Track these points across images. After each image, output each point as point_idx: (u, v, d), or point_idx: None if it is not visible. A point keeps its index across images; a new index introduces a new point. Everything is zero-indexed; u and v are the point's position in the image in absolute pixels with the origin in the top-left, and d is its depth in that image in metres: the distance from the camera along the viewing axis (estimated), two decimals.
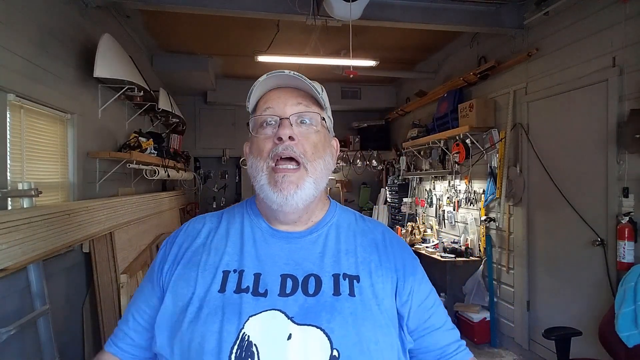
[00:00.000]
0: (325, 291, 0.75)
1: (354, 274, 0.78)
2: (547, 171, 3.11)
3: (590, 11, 2.71)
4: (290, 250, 0.81)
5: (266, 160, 0.78)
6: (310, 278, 0.76)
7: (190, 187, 6.04)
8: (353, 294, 0.75)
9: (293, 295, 0.74)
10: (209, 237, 0.84)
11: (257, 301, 0.73)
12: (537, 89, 3.21)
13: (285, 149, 0.76)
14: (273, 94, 0.81)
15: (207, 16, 3.41)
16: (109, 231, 2.61)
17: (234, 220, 0.87)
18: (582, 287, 2.83)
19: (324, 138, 0.83)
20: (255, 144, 0.81)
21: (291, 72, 0.79)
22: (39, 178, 2.23)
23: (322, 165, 0.80)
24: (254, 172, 0.80)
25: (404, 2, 3.21)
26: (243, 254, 0.80)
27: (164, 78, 5.03)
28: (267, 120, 0.80)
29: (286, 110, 0.79)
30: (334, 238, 0.84)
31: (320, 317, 0.71)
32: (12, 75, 1.94)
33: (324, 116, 0.84)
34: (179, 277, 0.79)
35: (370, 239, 0.86)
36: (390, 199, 5.79)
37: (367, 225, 0.89)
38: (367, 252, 0.83)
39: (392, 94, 6.24)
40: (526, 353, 3.38)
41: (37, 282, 1.91)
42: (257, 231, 0.84)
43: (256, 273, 0.77)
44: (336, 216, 0.88)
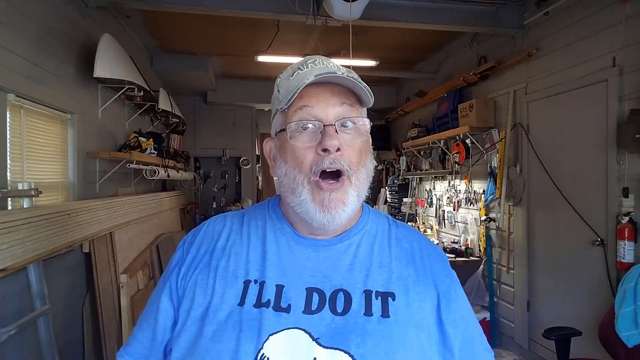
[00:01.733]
0: (355, 310, 0.66)
1: (389, 291, 0.69)
2: (547, 171, 3.11)
3: (590, 11, 2.71)
4: (318, 259, 0.71)
5: (307, 174, 0.67)
6: (339, 294, 0.68)
7: (190, 187, 6.05)
8: (387, 315, 0.66)
9: (319, 312, 0.66)
10: (229, 240, 0.76)
11: (279, 317, 0.65)
12: (537, 89, 3.21)
13: (333, 162, 0.66)
14: (310, 90, 0.69)
15: (207, 16, 3.41)
16: (109, 231, 2.61)
17: (255, 223, 0.78)
18: (582, 287, 2.83)
19: (367, 142, 0.73)
20: (291, 153, 0.69)
21: (344, 72, 0.68)
22: (39, 178, 2.23)
23: (365, 174, 0.71)
24: (291, 183, 0.69)
25: (404, 2, 3.21)
26: (265, 262, 0.71)
27: (164, 78, 5.03)
28: (304, 124, 0.68)
29: (328, 112, 0.68)
30: (367, 248, 0.74)
31: (349, 341, 0.63)
32: (12, 75, 1.94)
33: (367, 124, 0.73)
34: (195, 284, 0.71)
35: (405, 249, 0.76)
36: (390, 199, 5.79)
37: (402, 233, 0.80)
38: (402, 265, 0.74)
39: (392, 94, 6.24)
40: (526, 353, 3.38)
41: (37, 282, 1.91)
42: (280, 237, 0.74)
43: (278, 285, 0.68)
44: (369, 222, 0.78)
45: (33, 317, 1.84)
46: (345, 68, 0.73)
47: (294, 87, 0.67)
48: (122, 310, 2.56)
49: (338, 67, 0.73)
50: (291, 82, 0.70)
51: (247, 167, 6.46)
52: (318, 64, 0.72)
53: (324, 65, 0.72)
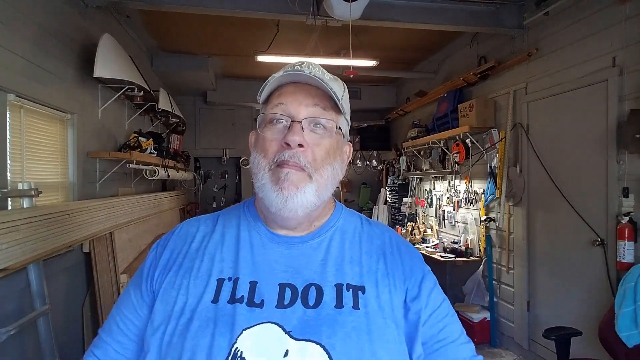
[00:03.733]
0: (327, 303, 0.69)
1: (359, 285, 0.72)
2: (547, 171, 3.11)
3: (590, 11, 2.71)
4: (290, 256, 0.75)
5: (270, 162, 0.72)
6: (311, 288, 0.71)
7: (190, 187, 6.05)
8: (357, 307, 0.69)
9: (291, 306, 0.68)
10: (203, 241, 0.78)
11: (253, 313, 0.67)
12: (537, 89, 3.21)
13: (292, 156, 0.70)
14: (288, 89, 0.75)
15: (207, 16, 3.41)
16: (109, 231, 2.61)
17: (230, 223, 0.81)
18: (582, 287, 2.83)
19: (337, 144, 0.77)
20: (260, 141, 0.75)
21: (312, 72, 0.72)
22: (39, 178, 2.23)
23: (329, 173, 0.74)
24: (255, 168, 0.74)
25: (404, 2, 3.21)
26: (239, 260, 0.74)
27: (164, 78, 5.03)
28: (277, 118, 0.73)
29: (300, 111, 0.72)
30: (338, 244, 0.78)
31: (321, 332, 0.66)
32: (12, 75, 1.94)
33: (340, 124, 0.77)
34: (170, 285, 0.72)
35: (376, 245, 0.80)
36: (390, 199, 5.79)
37: (373, 230, 0.83)
38: (373, 259, 0.77)
39: (392, 94, 6.24)
40: (526, 353, 3.38)
41: (37, 282, 1.91)
42: (254, 235, 0.77)
43: (252, 281, 0.71)
44: (341, 220, 0.82)
45: (33, 317, 1.84)
46: (333, 76, 0.77)
47: (269, 84, 0.74)
48: None
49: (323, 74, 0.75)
50: (267, 85, 0.76)
51: (247, 167, 6.45)
52: (304, 67, 0.75)
53: (309, 70, 0.75)
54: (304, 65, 0.75)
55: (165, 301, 0.71)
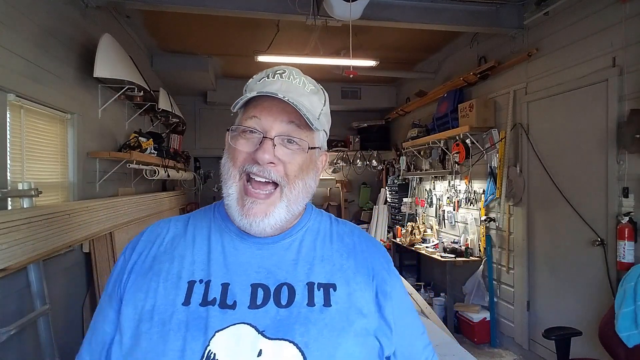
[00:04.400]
0: (299, 302, 0.70)
1: (330, 282, 0.73)
2: (547, 171, 3.11)
3: (590, 11, 2.71)
4: (262, 257, 0.75)
5: (240, 171, 0.72)
6: (283, 287, 0.71)
7: (190, 187, 6.04)
8: (329, 304, 0.70)
9: (264, 306, 0.68)
10: (173, 243, 0.77)
11: (225, 314, 0.67)
12: (537, 89, 3.21)
13: (261, 172, 0.70)
14: (265, 102, 0.73)
15: (207, 16, 3.41)
16: (109, 231, 2.61)
17: (201, 224, 0.80)
18: (582, 287, 2.83)
19: (310, 159, 0.76)
20: (231, 149, 0.74)
21: (289, 89, 0.72)
22: (39, 178, 2.23)
23: (301, 187, 0.74)
24: (224, 174, 0.74)
25: (404, 2, 3.21)
26: (210, 262, 0.73)
27: (164, 78, 5.03)
28: (249, 130, 0.72)
29: (274, 127, 0.71)
30: (309, 244, 0.78)
31: (294, 331, 0.66)
32: (12, 75, 1.94)
33: (316, 140, 0.77)
34: (137, 288, 0.71)
35: (347, 244, 0.81)
36: (390, 199, 5.79)
37: (342, 229, 0.84)
38: (343, 257, 0.78)
39: (392, 94, 6.24)
40: (526, 353, 3.38)
41: (37, 282, 1.91)
42: (225, 236, 0.77)
43: (224, 283, 0.70)
44: (312, 220, 0.83)
45: (33, 317, 1.84)
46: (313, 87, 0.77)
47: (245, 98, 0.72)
48: None
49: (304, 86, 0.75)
50: (254, 87, 0.75)
51: None
52: (284, 77, 0.74)
53: (289, 80, 0.74)
54: (284, 75, 0.75)
55: (133, 304, 0.70)
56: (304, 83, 0.76)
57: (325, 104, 0.79)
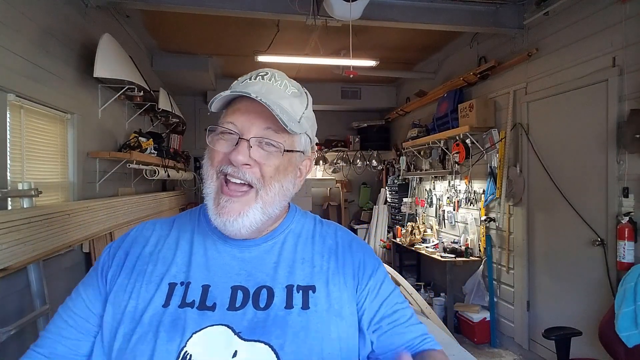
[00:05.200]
0: (277, 304, 0.70)
1: (309, 284, 0.74)
2: (547, 171, 3.11)
3: (590, 11, 2.71)
4: (244, 259, 0.75)
5: (216, 170, 0.72)
6: (262, 290, 0.72)
7: (190, 187, 6.04)
8: (307, 306, 0.71)
9: (242, 309, 0.69)
10: (157, 245, 0.78)
11: (203, 316, 0.68)
12: (537, 89, 3.21)
13: (236, 173, 0.70)
14: (242, 105, 0.72)
15: (207, 16, 3.41)
16: (109, 231, 2.61)
17: (185, 227, 0.81)
18: (582, 287, 2.83)
19: (289, 161, 0.75)
20: (209, 149, 0.75)
21: (265, 91, 0.72)
22: (39, 178, 2.23)
23: (277, 190, 0.73)
24: (204, 174, 0.75)
25: (404, 2, 3.21)
26: (191, 264, 0.74)
27: (164, 78, 5.03)
28: (228, 130, 0.72)
29: (251, 130, 0.71)
30: (291, 246, 0.79)
31: (270, 333, 0.67)
32: (12, 75, 1.94)
33: (296, 142, 0.76)
34: (121, 288, 0.72)
35: (328, 244, 0.81)
36: (390, 199, 5.79)
37: (325, 230, 0.84)
38: (324, 259, 0.78)
39: (392, 94, 6.24)
40: (526, 353, 3.38)
41: (37, 282, 1.91)
42: (208, 239, 0.78)
43: (204, 285, 0.72)
44: (294, 222, 0.83)
45: (33, 317, 1.84)
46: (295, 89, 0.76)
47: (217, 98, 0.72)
48: None
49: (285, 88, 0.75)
50: (236, 88, 0.74)
51: None
52: (265, 79, 0.74)
53: (270, 82, 0.74)
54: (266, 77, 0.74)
55: (116, 304, 0.71)
56: (285, 85, 0.76)
57: (307, 108, 0.78)
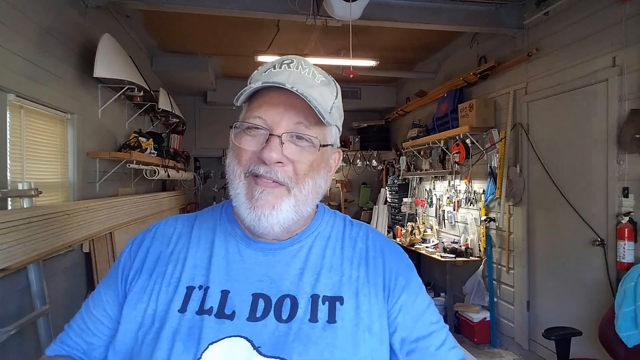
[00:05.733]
0: (300, 316, 0.64)
1: (336, 295, 0.67)
2: (547, 171, 3.11)
3: (590, 11, 2.71)
4: (267, 264, 0.69)
5: (245, 170, 0.67)
6: (286, 299, 0.66)
7: (190, 187, 6.04)
8: (333, 320, 0.64)
9: (263, 319, 0.64)
10: (177, 244, 0.73)
11: (221, 325, 0.63)
12: (537, 89, 3.21)
13: (268, 172, 0.64)
14: (271, 98, 0.67)
15: (206, 16, 3.41)
16: (109, 231, 2.61)
17: (206, 226, 0.75)
18: (582, 287, 2.83)
19: (322, 156, 0.70)
20: (235, 147, 0.69)
21: (297, 81, 0.66)
22: (39, 178, 2.23)
23: (310, 187, 0.68)
24: (229, 174, 0.69)
25: (404, 2, 3.21)
26: (211, 267, 0.69)
27: (164, 78, 5.03)
28: (252, 126, 0.67)
29: (281, 124, 0.65)
30: (319, 251, 0.72)
31: (291, 349, 0.61)
32: (12, 75, 1.94)
33: (328, 136, 0.71)
34: (141, 290, 0.68)
35: (359, 250, 0.74)
36: (390, 199, 5.79)
37: (356, 233, 0.77)
38: (353, 266, 0.71)
39: (392, 94, 6.24)
40: (526, 353, 3.38)
41: (37, 282, 1.91)
42: (230, 240, 0.72)
43: (224, 290, 0.66)
44: (323, 224, 0.76)
45: (33, 317, 1.84)
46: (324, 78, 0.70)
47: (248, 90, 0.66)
48: None
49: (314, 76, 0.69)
50: (260, 79, 0.68)
51: None
52: (292, 67, 0.68)
53: (298, 70, 0.68)
54: (292, 65, 0.68)
55: (135, 307, 0.67)
56: (313, 74, 0.69)
57: (337, 97, 0.72)
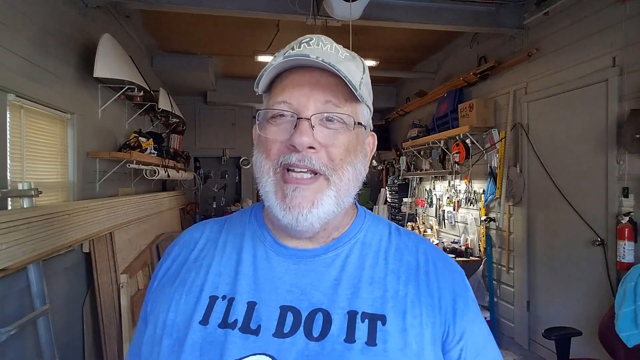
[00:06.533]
0: (334, 335, 0.56)
1: (379, 313, 0.58)
2: (547, 171, 3.11)
3: (590, 11, 2.71)
4: (298, 273, 0.62)
5: (274, 163, 0.60)
6: (318, 314, 0.58)
7: (190, 187, 6.05)
8: (374, 342, 0.55)
9: (291, 336, 0.56)
10: (203, 250, 0.68)
11: (246, 340, 0.56)
12: (537, 89, 3.21)
13: (301, 160, 0.58)
14: (294, 79, 0.61)
15: (207, 16, 3.41)
16: (109, 231, 2.61)
17: (235, 231, 0.70)
18: (582, 287, 2.83)
19: (357, 138, 0.63)
20: (262, 140, 0.63)
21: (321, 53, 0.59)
22: (39, 178, 2.23)
23: (351, 174, 0.61)
24: (257, 172, 0.63)
25: (404, 2, 3.21)
26: (238, 275, 0.63)
27: (164, 78, 5.03)
28: (280, 114, 0.61)
29: (309, 106, 0.59)
30: (357, 260, 0.64)
31: None
32: (12, 75, 1.94)
33: (360, 114, 0.64)
34: (164, 299, 0.64)
35: (407, 262, 0.65)
36: (390, 199, 5.79)
37: (404, 243, 0.68)
38: (400, 281, 0.62)
39: (392, 94, 6.24)
40: (526, 353, 3.38)
41: (37, 282, 1.91)
42: (259, 246, 0.66)
43: (250, 302, 0.60)
44: (364, 230, 0.68)
45: (33, 317, 1.84)
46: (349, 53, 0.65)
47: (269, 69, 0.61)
48: (122, 310, 2.56)
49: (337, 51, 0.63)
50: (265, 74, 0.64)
51: (247, 167, 6.46)
52: (312, 45, 0.62)
53: (319, 47, 0.62)
54: (312, 43, 0.63)
55: (155, 317, 0.63)
56: (336, 49, 0.63)
57: (365, 72, 0.65)
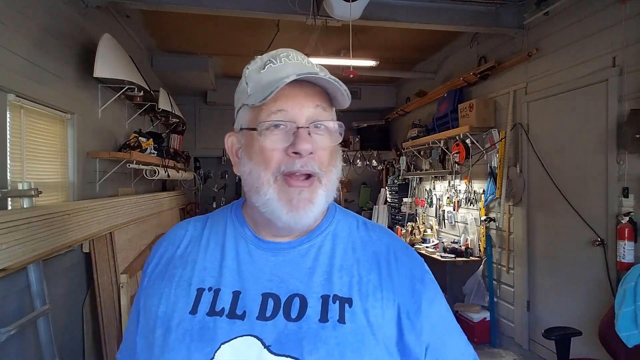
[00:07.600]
0: (310, 316, 0.64)
1: (347, 296, 0.66)
2: (547, 171, 3.11)
3: (590, 11, 2.71)
4: (276, 264, 0.69)
5: (275, 173, 0.65)
6: (295, 299, 0.66)
7: (190, 187, 6.04)
8: (343, 321, 0.64)
9: (273, 319, 0.64)
10: (188, 247, 0.74)
11: (233, 325, 0.64)
12: (537, 89, 3.21)
13: (304, 165, 0.64)
14: (286, 90, 0.65)
15: (207, 16, 3.41)
16: (109, 231, 2.61)
17: (217, 228, 0.76)
18: (582, 287, 2.83)
19: (336, 145, 0.72)
20: (259, 151, 0.66)
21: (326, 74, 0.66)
22: (39, 178, 2.23)
23: (335, 175, 0.69)
24: (255, 182, 0.67)
25: (403, 2, 3.21)
26: (222, 268, 0.70)
27: (164, 78, 5.03)
28: (276, 124, 0.65)
29: (303, 113, 0.65)
30: (329, 250, 0.71)
31: (301, 347, 0.61)
32: (12, 75, 1.94)
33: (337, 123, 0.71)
34: (153, 293, 0.70)
35: (371, 252, 0.73)
36: (390, 199, 5.79)
37: (369, 235, 0.76)
38: (365, 269, 0.70)
39: (392, 94, 6.24)
40: (526, 353, 3.38)
41: (37, 282, 1.91)
42: (240, 242, 0.72)
43: (235, 291, 0.67)
44: (334, 223, 0.75)
45: (33, 317, 1.84)
46: (320, 66, 0.72)
47: (269, 84, 0.65)
48: (122, 310, 2.56)
49: (313, 65, 0.71)
50: (263, 77, 0.68)
51: None
52: (292, 59, 0.69)
53: (299, 61, 0.69)
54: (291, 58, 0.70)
55: (147, 311, 0.70)
56: (309, 62, 0.71)
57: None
